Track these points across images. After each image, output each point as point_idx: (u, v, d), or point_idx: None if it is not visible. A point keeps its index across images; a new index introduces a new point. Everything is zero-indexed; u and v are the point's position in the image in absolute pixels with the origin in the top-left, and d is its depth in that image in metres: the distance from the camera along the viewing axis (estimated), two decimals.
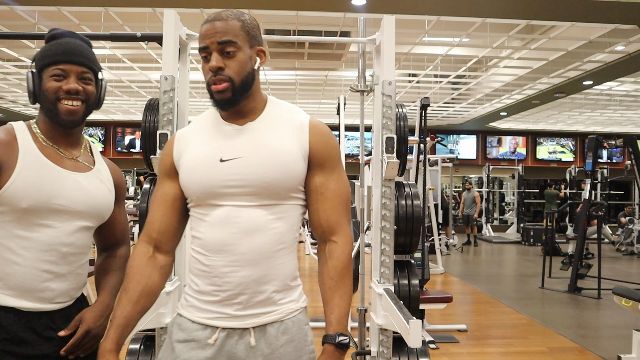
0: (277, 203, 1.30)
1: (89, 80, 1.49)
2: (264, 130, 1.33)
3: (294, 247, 1.35)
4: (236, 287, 1.27)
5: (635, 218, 11.94)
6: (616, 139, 7.05)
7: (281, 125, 1.34)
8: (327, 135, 1.38)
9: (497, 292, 6.90)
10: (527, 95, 11.40)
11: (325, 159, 1.35)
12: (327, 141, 1.36)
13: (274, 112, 1.37)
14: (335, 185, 1.35)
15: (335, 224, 1.35)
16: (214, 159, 1.30)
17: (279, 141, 1.31)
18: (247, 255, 1.27)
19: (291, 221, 1.33)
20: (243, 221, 1.27)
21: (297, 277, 1.36)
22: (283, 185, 1.29)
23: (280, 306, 1.30)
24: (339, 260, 1.33)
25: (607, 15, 6.20)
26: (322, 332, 1.36)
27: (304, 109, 1.40)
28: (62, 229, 1.43)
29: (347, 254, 1.34)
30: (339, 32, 7.44)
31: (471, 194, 13.07)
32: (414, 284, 2.69)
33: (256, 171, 1.27)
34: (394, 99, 2.48)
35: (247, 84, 1.32)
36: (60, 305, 1.44)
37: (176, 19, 2.49)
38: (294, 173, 1.30)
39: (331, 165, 1.35)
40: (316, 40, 6.19)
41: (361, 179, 3.54)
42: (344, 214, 1.37)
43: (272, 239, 1.29)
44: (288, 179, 1.29)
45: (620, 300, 3.52)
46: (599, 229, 7.47)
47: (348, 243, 1.36)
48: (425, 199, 6.26)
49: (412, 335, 1.78)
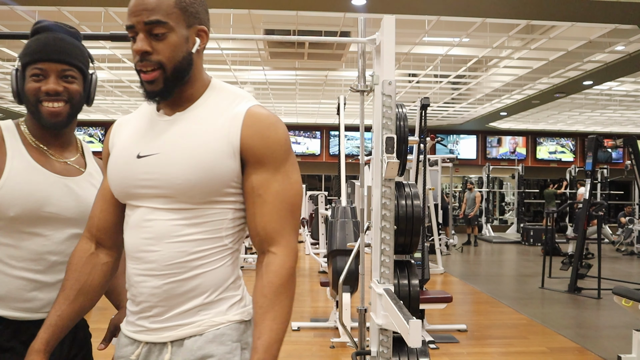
0: (194, 207, 1.12)
1: (72, 78, 1.39)
2: (190, 123, 1.15)
3: (223, 256, 1.16)
4: (148, 298, 1.14)
5: (635, 218, 11.93)
6: (616, 139, 7.05)
7: (212, 116, 1.15)
8: (267, 126, 1.15)
9: (497, 292, 6.90)
10: (527, 95, 11.40)
11: (264, 156, 1.14)
12: (265, 134, 1.14)
13: (211, 101, 1.18)
14: (279, 187, 1.14)
15: (275, 232, 1.14)
16: (132, 155, 1.16)
17: (202, 136, 1.12)
18: (156, 264, 1.12)
19: (215, 227, 1.14)
20: (154, 226, 1.12)
21: (228, 288, 1.17)
22: (199, 188, 1.10)
23: (201, 318, 1.13)
24: (276, 275, 1.13)
25: (607, 15, 6.20)
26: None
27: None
28: (51, 237, 1.36)
29: (286, 268, 1.14)
30: (339, 32, 7.44)
31: (472, 194, 13.07)
32: (414, 284, 2.69)
33: (168, 171, 1.11)
34: (394, 99, 2.48)
35: (181, 71, 1.14)
36: (46, 315, 1.36)
37: None
38: (216, 174, 1.11)
39: (273, 163, 1.14)
40: (316, 40, 6.19)
41: (361, 179, 3.54)
42: (288, 221, 1.15)
43: (186, 247, 1.12)
44: (206, 181, 1.10)
45: (620, 300, 3.52)
46: (599, 229, 7.47)
47: (289, 255, 1.15)
48: (425, 199, 6.26)
49: (412, 335, 1.78)
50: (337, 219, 4.51)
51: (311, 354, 4.19)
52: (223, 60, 9.10)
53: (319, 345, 4.37)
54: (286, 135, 1.18)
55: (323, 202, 8.41)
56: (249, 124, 1.14)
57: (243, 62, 9.40)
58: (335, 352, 4.21)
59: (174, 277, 1.12)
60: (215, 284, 1.15)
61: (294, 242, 1.17)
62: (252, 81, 10.88)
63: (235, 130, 1.13)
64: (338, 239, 4.35)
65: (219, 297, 1.15)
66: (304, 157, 17.04)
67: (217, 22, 7.15)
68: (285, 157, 1.17)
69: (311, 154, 17.06)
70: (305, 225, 9.80)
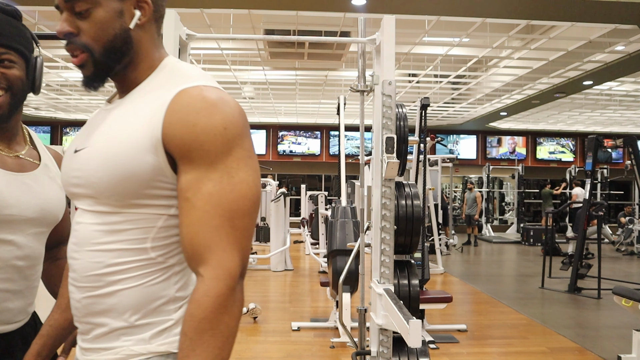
0: (115, 211, 0.93)
1: (9, 62, 1.22)
2: (120, 111, 0.98)
3: (148, 271, 0.94)
4: (75, 312, 0.99)
5: (635, 218, 11.94)
6: (616, 139, 7.05)
7: (143, 103, 0.95)
8: (196, 111, 0.90)
9: (497, 292, 6.90)
10: (527, 95, 11.40)
11: (191, 149, 0.89)
12: (191, 120, 0.89)
13: (152, 85, 0.98)
14: (213, 188, 0.89)
15: (203, 248, 0.88)
16: (71, 150, 1.02)
17: (123, 126, 0.94)
18: (77, 274, 0.96)
19: (138, 236, 0.93)
20: (79, 230, 0.97)
21: (157, 311, 0.95)
22: (114, 188, 0.92)
23: (121, 344, 0.94)
24: (198, 306, 0.86)
25: (607, 15, 6.20)
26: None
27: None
28: (15, 241, 1.23)
29: (211, 297, 0.86)
30: (339, 32, 7.45)
31: (473, 194, 13.08)
32: (414, 284, 2.69)
33: (87, 167, 0.95)
34: (394, 99, 2.48)
35: (114, 52, 0.96)
36: (18, 325, 1.28)
37: (176, 19, 2.49)
38: (131, 172, 0.91)
39: (205, 157, 0.89)
40: (316, 40, 6.19)
41: (361, 179, 3.54)
42: (224, 233, 0.88)
43: (103, 257, 0.93)
44: (120, 180, 0.91)
45: (620, 300, 3.52)
46: (599, 229, 7.47)
47: (219, 279, 0.86)
48: (425, 199, 6.26)
49: (412, 335, 1.78)
50: (337, 219, 4.51)
51: (311, 354, 4.19)
52: (223, 60, 9.10)
53: (319, 345, 4.36)
54: (227, 122, 0.90)
55: (323, 202, 8.42)
56: (173, 110, 0.90)
57: (243, 62, 9.41)
58: (335, 352, 4.21)
59: (91, 292, 0.95)
60: (135, 304, 0.93)
61: (230, 262, 0.88)
62: (252, 81, 10.89)
63: (158, 118, 0.91)
64: (338, 239, 4.35)
65: (144, 321, 0.94)
66: (304, 157, 17.04)
67: (217, 22, 7.15)
68: (224, 149, 0.90)
69: (311, 154, 17.06)
70: (305, 225, 9.81)
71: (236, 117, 0.92)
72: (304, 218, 10.22)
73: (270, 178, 10.47)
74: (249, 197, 0.91)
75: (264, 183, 9.95)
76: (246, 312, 4.99)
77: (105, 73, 0.99)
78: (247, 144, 0.94)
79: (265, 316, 5.30)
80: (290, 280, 7.67)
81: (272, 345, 4.41)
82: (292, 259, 8.76)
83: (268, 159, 16.49)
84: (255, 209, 0.93)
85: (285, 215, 8.70)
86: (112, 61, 0.97)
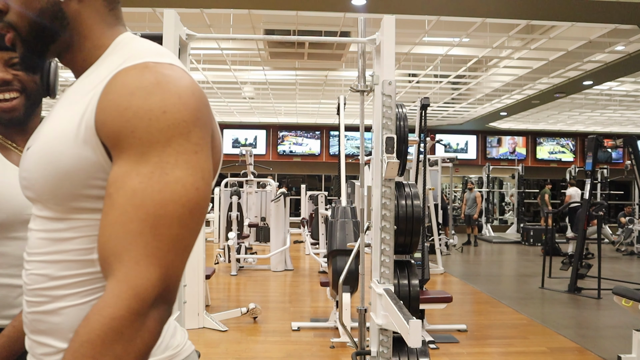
0: (56, 217, 0.80)
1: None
2: (63, 100, 0.85)
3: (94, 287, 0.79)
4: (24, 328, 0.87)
5: (635, 218, 11.94)
6: (616, 139, 7.05)
7: (83, 88, 0.81)
8: (130, 92, 0.73)
9: (497, 292, 6.90)
10: (527, 95, 11.41)
11: (121, 135, 0.73)
12: (123, 103, 0.73)
13: (101, 68, 0.81)
14: (139, 184, 0.71)
15: (113, 256, 0.71)
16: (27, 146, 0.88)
17: (60, 118, 0.81)
18: (26, 287, 0.85)
19: (83, 245, 0.79)
20: (30, 237, 0.85)
21: None
22: (51, 190, 0.78)
23: None
24: (87, 324, 0.68)
25: (607, 15, 6.20)
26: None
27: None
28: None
29: (105, 316, 0.67)
30: (339, 32, 7.45)
31: (472, 194, 13.08)
32: (414, 284, 2.69)
33: (29, 167, 0.82)
34: (394, 99, 2.48)
35: (43, 30, 0.82)
36: None
37: (176, 19, 2.50)
38: (66, 170, 0.76)
39: (137, 146, 0.72)
40: (316, 40, 6.20)
41: (361, 179, 3.54)
42: (141, 240, 0.70)
43: (48, 269, 0.80)
44: (56, 180, 0.77)
45: (620, 300, 3.52)
46: (599, 229, 7.48)
47: (122, 297, 0.68)
48: (425, 199, 6.26)
49: (412, 335, 1.78)
50: (337, 219, 4.51)
51: (311, 354, 4.19)
52: (223, 60, 9.10)
53: (319, 345, 4.36)
54: (168, 105, 0.73)
55: (323, 202, 8.42)
56: (108, 92, 0.75)
57: (243, 62, 9.41)
58: (335, 352, 4.21)
59: (36, 307, 0.82)
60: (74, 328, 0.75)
61: (141, 278, 0.69)
62: (252, 81, 10.89)
63: (93, 105, 0.76)
64: (338, 239, 4.36)
65: None
66: (304, 157, 17.04)
67: (217, 22, 7.15)
68: (160, 138, 0.72)
69: (311, 154, 17.06)
70: (305, 225, 9.81)
71: (184, 99, 0.74)
72: (304, 218, 10.22)
73: (271, 178, 10.46)
74: (182, 202, 0.72)
75: (264, 183, 9.95)
76: (246, 312, 5.00)
77: (36, 54, 0.85)
78: (196, 135, 0.74)
79: (265, 316, 5.30)
80: (290, 280, 7.67)
81: (272, 345, 4.42)
82: (292, 259, 8.76)
83: (268, 159, 16.49)
84: (193, 218, 0.74)
85: (285, 216, 8.70)
86: (42, 40, 0.83)
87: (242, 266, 8.33)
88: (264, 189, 10.30)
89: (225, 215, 8.44)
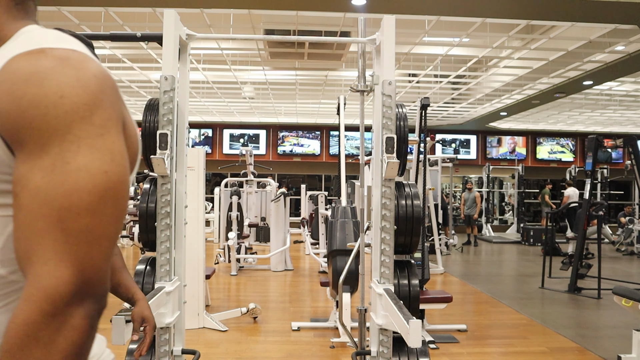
0: None
1: None
2: None
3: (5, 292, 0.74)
4: None
5: (635, 218, 11.94)
6: (616, 139, 7.05)
7: None
8: (23, 80, 0.67)
9: (497, 292, 6.90)
10: (527, 95, 11.41)
11: (21, 128, 0.67)
12: (17, 92, 0.67)
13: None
14: (41, 180, 0.66)
15: (24, 260, 0.67)
16: None
17: None
18: None
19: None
20: None
21: None
22: None
23: None
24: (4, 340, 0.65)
25: (607, 15, 6.20)
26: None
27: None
28: None
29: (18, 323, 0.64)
30: (339, 32, 7.44)
31: (472, 194, 13.08)
32: (414, 284, 2.69)
33: None
34: (394, 99, 2.48)
35: None
36: None
37: (176, 19, 2.50)
38: None
39: (37, 138, 0.67)
40: (316, 40, 6.20)
41: (361, 179, 3.54)
42: (49, 239, 0.66)
43: None
44: None
45: (620, 300, 3.52)
46: (599, 229, 7.47)
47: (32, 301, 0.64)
48: (425, 199, 6.26)
49: (412, 335, 1.78)
50: (337, 219, 4.51)
51: (311, 354, 4.19)
52: (223, 60, 9.10)
53: (319, 345, 4.37)
54: (66, 88, 0.68)
55: (323, 202, 8.42)
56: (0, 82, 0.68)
57: (243, 62, 9.41)
58: (335, 352, 4.21)
59: None
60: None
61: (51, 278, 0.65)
62: (252, 81, 10.89)
63: None
64: (338, 239, 4.36)
65: None
66: (304, 157, 17.04)
67: (217, 22, 7.15)
68: (59, 126, 0.67)
69: (311, 154, 17.06)
70: (305, 225, 9.81)
71: (83, 81, 0.69)
72: (304, 218, 10.22)
73: (271, 178, 10.46)
74: (88, 190, 0.67)
75: (264, 183, 9.95)
76: (246, 312, 5.00)
77: None
78: (101, 117, 0.69)
79: (265, 316, 5.30)
80: (290, 280, 7.67)
81: (272, 345, 4.42)
82: (292, 259, 8.76)
83: (268, 159, 16.49)
84: (105, 204, 0.68)
85: (285, 215, 8.70)
86: None
87: (242, 266, 8.33)
88: (264, 189, 10.30)
89: (225, 215, 8.44)
